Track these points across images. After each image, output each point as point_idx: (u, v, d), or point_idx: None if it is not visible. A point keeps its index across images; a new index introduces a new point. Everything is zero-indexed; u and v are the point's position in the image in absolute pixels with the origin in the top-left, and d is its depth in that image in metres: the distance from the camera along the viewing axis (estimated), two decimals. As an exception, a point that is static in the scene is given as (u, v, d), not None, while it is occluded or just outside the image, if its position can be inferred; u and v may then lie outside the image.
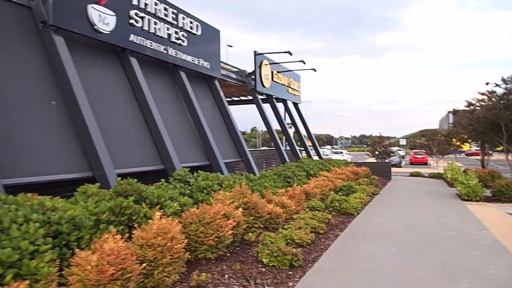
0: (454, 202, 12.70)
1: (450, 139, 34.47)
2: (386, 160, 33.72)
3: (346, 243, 7.37)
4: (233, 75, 16.38)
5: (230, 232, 5.95)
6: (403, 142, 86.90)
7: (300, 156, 18.58)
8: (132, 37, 10.09)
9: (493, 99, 13.07)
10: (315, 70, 20.90)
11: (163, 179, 7.58)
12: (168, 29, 11.39)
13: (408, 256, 6.46)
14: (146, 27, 10.50)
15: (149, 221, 5.13)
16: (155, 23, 10.85)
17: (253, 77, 16.73)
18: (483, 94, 13.71)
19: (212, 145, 11.88)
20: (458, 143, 35.55)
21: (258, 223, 7.33)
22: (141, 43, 10.39)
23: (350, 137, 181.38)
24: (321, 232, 8.01)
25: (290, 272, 5.67)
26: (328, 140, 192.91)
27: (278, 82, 18.87)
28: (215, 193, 7.38)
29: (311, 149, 23.16)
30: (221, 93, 14.11)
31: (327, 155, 42.36)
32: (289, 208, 9.21)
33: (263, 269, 5.70)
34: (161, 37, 11.10)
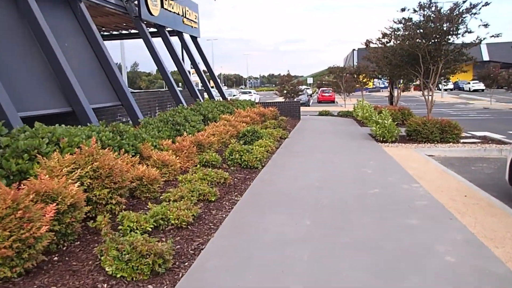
0: (369, 145, 11.39)
1: (357, 76, 34.19)
2: (295, 99, 32.62)
3: (245, 216, 5.35)
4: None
5: (46, 227, 3.55)
6: (310, 80, 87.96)
7: (202, 99, 16.16)
8: None
9: (410, 28, 11.53)
10: (215, -3, 18.02)
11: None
12: None
13: (328, 236, 4.58)
14: None
15: None
16: None
17: (136, 2, 13.53)
18: (399, 22, 12.15)
19: (74, 86, 8.96)
20: (364, 80, 35.54)
21: (116, 197, 4.97)
22: None
23: (259, 76, 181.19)
24: (213, 199, 5.90)
25: (150, 287, 3.50)
26: (238, 80, 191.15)
27: (170, 10, 15.79)
28: (45, 159, 4.80)
29: (214, 91, 20.78)
30: (89, 20, 10.90)
31: (234, 95, 40.36)
32: (172, 167, 6.94)
33: (107, 285, 3.46)
34: None
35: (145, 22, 14.38)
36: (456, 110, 28.22)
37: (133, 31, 19.36)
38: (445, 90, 46.47)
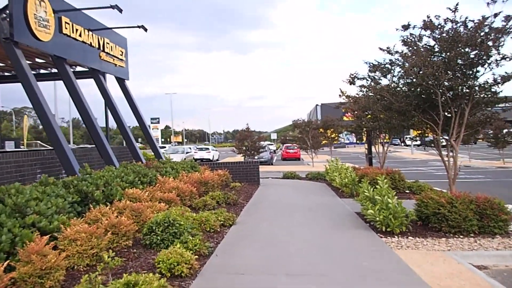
0: (368, 241, 6.82)
1: (325, 130, 30.47)
2: (256, 158, 28.22)
3: None
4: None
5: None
6: (274, 136, 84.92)
7: (115, 161, 11.34)
8: None
9: (420, 54, 7.40)
10: (145, 29, 13.80)
11: None
12: None
13: None
14: None
15: None
16: None
17: (4, 15, 8.97)
18: (405, 43, 8.02)
19: None
20: (333, 135, 31.83)
21: None
22: None
23: (223, 132, 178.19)
24: None
25: None
26: (202, 136, 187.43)
27: (74, 38, 11.31)
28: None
29: (140, 144, 16.08)
30: None
31: (187, 152, 35.67)
32: None
33: None
34: None
35: (28, 49, 9.81)
36: (436, 168, 24.51)
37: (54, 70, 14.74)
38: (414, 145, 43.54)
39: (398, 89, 8.61)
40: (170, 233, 6.03)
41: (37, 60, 12.88)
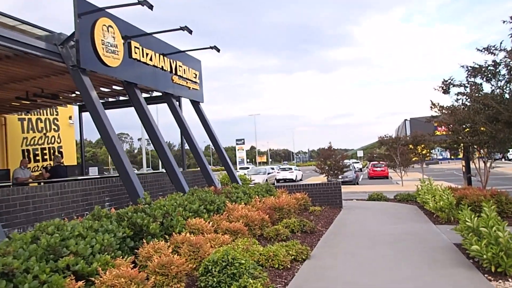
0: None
1: (414, 146, 28.08)
2: (340, 177, 26.73)
3: None
4: (33, 42, 8.61)
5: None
6: (360, 153, 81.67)
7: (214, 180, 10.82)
8: None
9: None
10: (217, 50, 13.51)
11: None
12: None
13: None
14: None
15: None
16: None
17: (72, 43, 9.02)
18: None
19: None
20: (424, 152, 29.25)
21: None
22: None
23: (307, 151, 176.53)
24: None
25: None
26: (287, 155, 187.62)
27: (146, 63, 11.25)
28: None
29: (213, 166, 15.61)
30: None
31: (269, 173, 35.12)
32: None
33: None
34: None
35: (93, 75, 9.83)
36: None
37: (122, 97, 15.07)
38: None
39: (506, 96, 7.03)
40: (228, 275, 5.21)
41: (114, 87, 13.06)
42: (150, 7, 9.60)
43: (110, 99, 15.07)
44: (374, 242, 8.31)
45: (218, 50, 13.61)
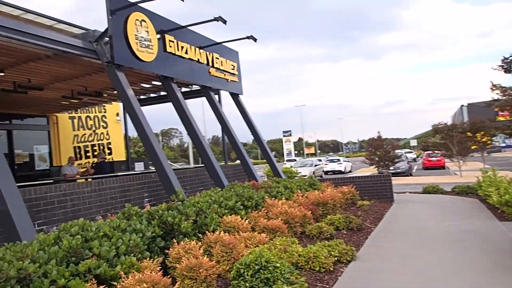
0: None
1: (473, 134, 26.23)
2: (391, 168, 25.49)
3: None
4: (69, 40, 8.50)
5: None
6: (414, 143, 78.38)
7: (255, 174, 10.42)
8: None
9: None
10: (254, 39, 12.98)
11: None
12: None
13: None
14: None
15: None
16: None
17: (106, 40, 8.84)
18: None
19: None
20: (484, 139, 27.26)
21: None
22: None
23: (357, 141, 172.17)
24: None
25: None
26: (335, 146, 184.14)
27: (181, 56, 10.95)
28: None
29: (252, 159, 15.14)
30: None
31: (316, 165, 34.23)
32: None
33: None
34: None
35: (129, 71, 9.63)
36: None
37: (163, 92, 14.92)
38: None
39: None
40: (261, 279, 4.72)
41: (154, 83, 12.89)
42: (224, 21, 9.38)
43: (152, 95, 14.99)
44: (430, 242, 7.49)
45: (255, 40, 13.07)
